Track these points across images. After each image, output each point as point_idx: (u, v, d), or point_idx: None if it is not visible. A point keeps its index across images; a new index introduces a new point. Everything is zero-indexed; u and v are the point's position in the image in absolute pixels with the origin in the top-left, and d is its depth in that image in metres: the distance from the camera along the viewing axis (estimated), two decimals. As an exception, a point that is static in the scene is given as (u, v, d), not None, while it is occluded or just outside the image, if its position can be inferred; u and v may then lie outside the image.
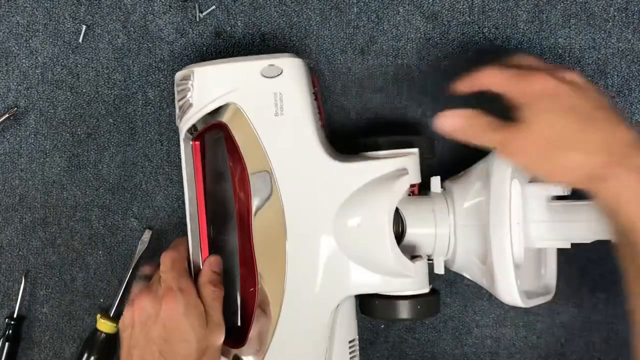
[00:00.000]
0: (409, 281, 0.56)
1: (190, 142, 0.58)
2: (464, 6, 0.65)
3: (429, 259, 0.59)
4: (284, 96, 0.55)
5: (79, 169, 0.68)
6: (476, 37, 0.65)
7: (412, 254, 0.59)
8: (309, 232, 0.56)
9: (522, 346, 0.67)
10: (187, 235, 0.59)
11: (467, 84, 0.54)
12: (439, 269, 0.58)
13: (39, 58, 0.67)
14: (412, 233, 0.57)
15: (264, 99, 0.55)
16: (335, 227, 0.56)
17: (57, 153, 0.68)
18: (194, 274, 0.58)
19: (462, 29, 0.65)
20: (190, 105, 0.56)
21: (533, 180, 0.56)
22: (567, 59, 0.65)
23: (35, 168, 0.68)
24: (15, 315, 0.68)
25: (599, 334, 0.66)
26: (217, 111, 0.56)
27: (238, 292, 0.58)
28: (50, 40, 0.67)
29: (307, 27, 0.66)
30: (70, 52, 0.67)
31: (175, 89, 0.58)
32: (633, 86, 0.65)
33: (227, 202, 0.60)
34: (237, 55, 0.66)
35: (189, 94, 0.56)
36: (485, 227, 0.53)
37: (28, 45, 0.67)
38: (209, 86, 0.56)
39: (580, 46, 0.65)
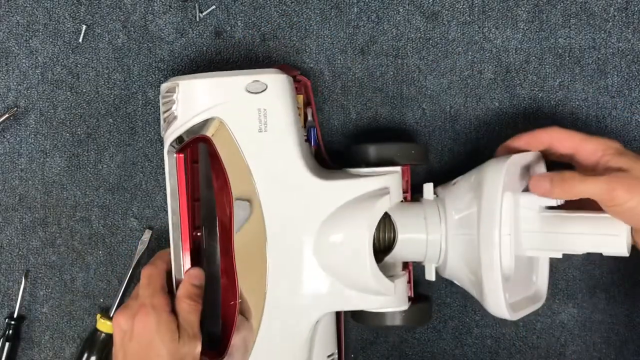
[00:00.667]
0: (388, 299, 0.57)
1: (174, 155, 0.58)
2: (464, 6, 0.65)
3: (421, 265, 0.60)
4: (268, 112, 0.55)
5: (79, 169, 0.68)
6: (476, 37, 0.65)
7: (403, 260, 0.59)
8: (290, 248, 0.56)
9: (522, 346, 0.67)
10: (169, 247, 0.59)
11: (526, 142, 0.56)
12: (430, 276, 0.59)
13: (39, 58, 0.67)
14: (404, 239, 0.57)
15: (248, 115, 0.55)
16: (316, 244, 0.56)
17: (57, 153, 0.68)
18: (175, 285, 0.58)
19: (462, 29, 0.65)
20: (175, 117, 0.56)
21: (526, 189, 0.56)
22: (567, 59, 0.65)
23: (35, 168, 0.68)
24: (15, 315, 0.68)
25: (599, 334, 0.66)
26: (202, 125, 0.56)
27: (220, 304, 0.58)
28: (50, 40, 0.67)
29: (307, 27, 0.66)
30: (70, 52, 0.67)
31: (161, 100, 0.58)
32: (633, 86, 0.65)
33: (214, 211, 0.59)
34: (237, 55, 0.66)
35: (173, 107, 0.56)
36: (476, 238, 0.53)
37: (28, 45, 0.67)
38: (193, 100, 0.56)
39: (580, 46, 0.65)
